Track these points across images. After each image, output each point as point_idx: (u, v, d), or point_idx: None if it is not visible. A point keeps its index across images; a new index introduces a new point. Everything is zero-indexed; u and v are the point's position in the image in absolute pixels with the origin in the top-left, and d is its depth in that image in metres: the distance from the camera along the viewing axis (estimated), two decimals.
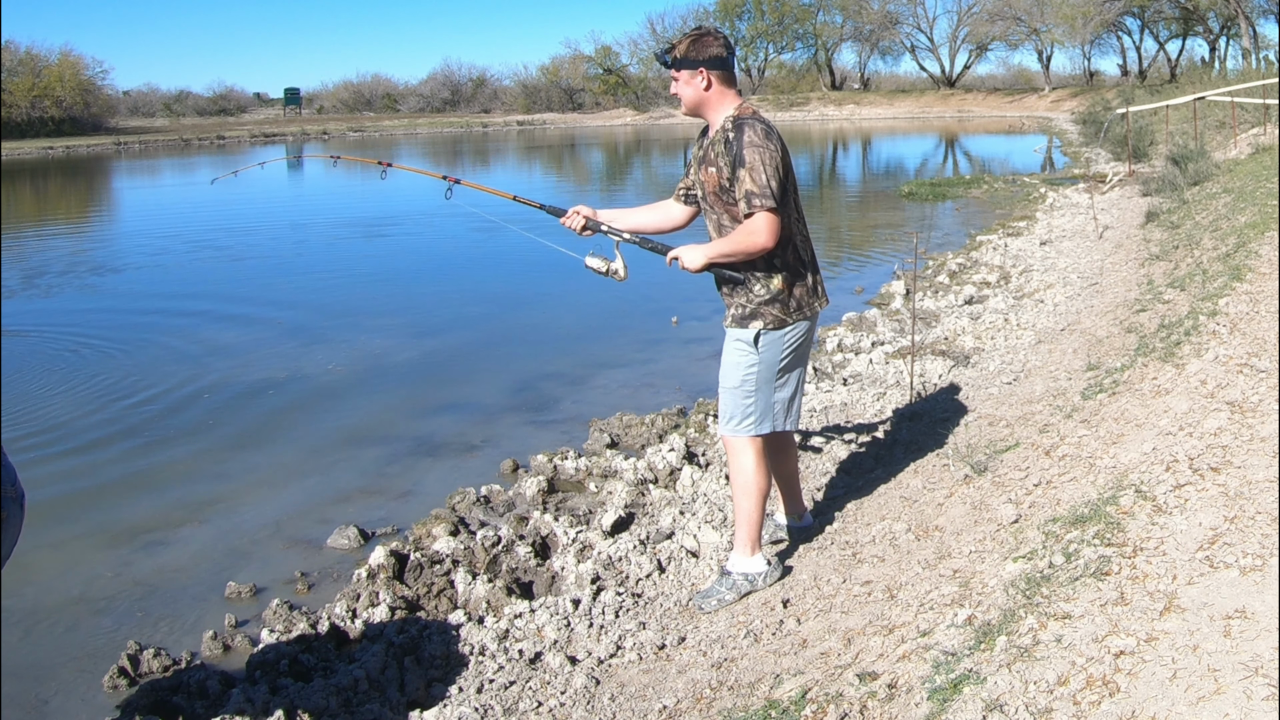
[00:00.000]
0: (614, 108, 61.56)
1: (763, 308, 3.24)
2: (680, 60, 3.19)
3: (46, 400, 6.58)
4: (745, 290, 3.25)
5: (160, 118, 61.63)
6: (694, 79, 3.19)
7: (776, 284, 3.23)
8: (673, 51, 3.20)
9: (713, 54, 3.17)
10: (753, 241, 3.12)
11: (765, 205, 3.08)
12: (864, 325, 7.47)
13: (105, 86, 52.88)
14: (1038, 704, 2.00)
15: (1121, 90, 38.33)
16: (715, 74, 3.19)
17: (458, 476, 5.04)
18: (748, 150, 3.10)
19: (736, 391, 3.33)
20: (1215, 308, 4.78)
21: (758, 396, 3.32)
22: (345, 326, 8.55)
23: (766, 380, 3.31)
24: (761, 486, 3.37)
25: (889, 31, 60.50)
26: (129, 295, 10.40)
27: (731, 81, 3.25)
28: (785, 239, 3.20)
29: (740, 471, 3.38)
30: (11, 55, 47.16)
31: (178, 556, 4.33)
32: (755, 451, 3.36)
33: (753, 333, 3.26)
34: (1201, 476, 2.85)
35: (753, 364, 3.30)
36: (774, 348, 3.29)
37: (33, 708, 3.28)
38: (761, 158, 3.09)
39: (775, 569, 3.45)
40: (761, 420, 3.35)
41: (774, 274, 3.23)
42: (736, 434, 3.36)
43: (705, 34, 3.21)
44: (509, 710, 2.95)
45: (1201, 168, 11.10)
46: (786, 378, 3.36)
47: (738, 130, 3.14)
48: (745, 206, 3.11)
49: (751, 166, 3.09)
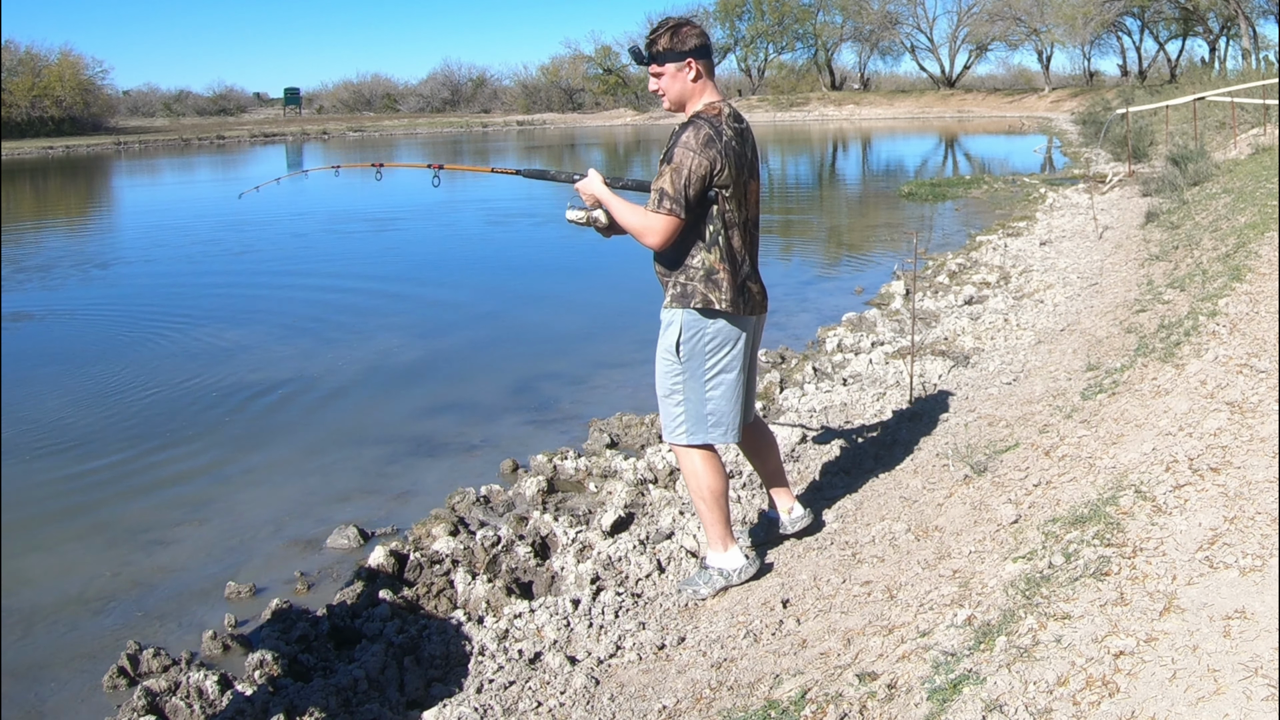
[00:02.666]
0: (614, 107, 61.58)
1: (698, 285, 3.14)
2: (664, 54, 3.08)
3: (45, 399, 6.58)
4: (684, 268, 3.16)
5: (160, 117, 61.65)
6: (682, 71, 3.10)
7: (712, 262, 3.14)
8: (654, 45, 3.10)
9: (695, 44, 3.09)
10: (642, 232, 3.08)
11: (669, 209, 3.03)
12: (864, 325, 7.47)
13: (105, 86, 52.98)
14: (1037, 704, 2.00)
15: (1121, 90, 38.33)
16: (701, 63, 3.11)
17: (458, 476, 5.04)
18: (679, 150, 3.04)
19: (667, 400, 3.31)
20: (1215, 308, 4.78)
21: (685, 406, 3.27)
22: (344, 326, 8.55)
23: (695, 389, 3.24)
24: (713, 488, 3.33)
25: (889, 31, 60.49)
26: (128, 294, 10.41)
27: (712, 70, 3.16)
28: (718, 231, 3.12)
29: (689, 477, 3.37)
30: (11, 55, 47.16)
31: (178, 556, 4.33)
32: (700, 457, 3.32)
33: (674, 335, 3.21)
34: (1201, 477, 2.85)
35: (678, 373, 3.25)
36: (697, 354, 3.21)
37: (33, 708, 3.28)
38: (687, 163, 3.02)
39: (753, 564, 3.45)
40: (693, 430, 3.28)
41: (711, 253, 3.14)
42: (674, 441, 3.35)
43: (683, 24, 3.12)
44: (509, 710, 2.95)
45: (1201, 168, 11.09)
46: (717, 385, 3.25)
47: (684, 128, 3.09)
48: (653, 201, 3.07)
49: (675, 167, 3.03)
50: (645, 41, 3.14)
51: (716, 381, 3.25)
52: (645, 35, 3.22)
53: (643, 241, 3.12)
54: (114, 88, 56.71)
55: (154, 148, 41.47)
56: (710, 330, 3.20)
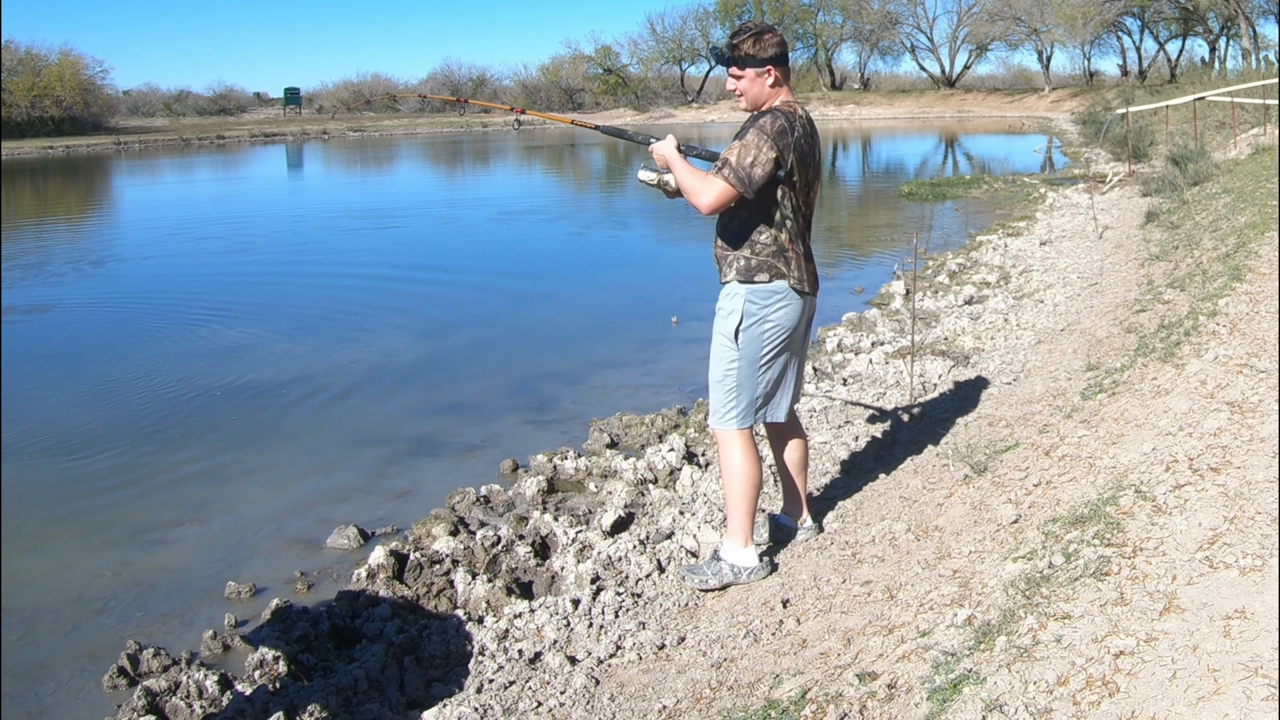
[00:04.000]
0: (614, 107, 61.55)
1: (771, 260, 3.28)
2: (746, 58, 3.25)
3: (45, 399, 6.59)
4: (752, 243, 3.29)
5: (160, 117, 61.59)
6: (761, 76, 3.26)
7: (784, 240, 3.29)
8: (737, 50, 3.26)
9: (775, 52, 3.26)
10: (700, 193, 3.21)
11: (730, 180, 3.17)
12: (864, 325, 7.47)
13: (105, 86, 52.89)
14: (1037, 704, 2.00)
15: (1121, 90, 38.32)
16: (779, 70, 3.28)
17: (458, 476, 5.04)
18: (753, 131, 3.20)
19: (719, 385, 3.40)
20: (1215, 308, 4.78)
21: (739, 390, 3.37)
22: (344, 325, 8.55)
23: (749, 373, 3.35)
24: (750, 476, 3.39)
25: (889, 31, 60.48)
26: (127, 293, 10.41)
27: (788, 77, 3.35)
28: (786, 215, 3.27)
29: (728, 463, 3.42)
30: (11, 55, 47.14)
31: (178, 556, 4.33)
32: (742, 443, 3.39)
33: (734, 322, 3.31)
34: (1201, 477, 2.85)
35: (733, 358, 3.35)
36: (755, 340, 3.32)
37: (33, 707, 3.29)
38: (759, 143, 3.17)
39: (764, 568, 3.47)
40: (745, 414, 3.39)
41: (782, 232, 3.28)
42: (721, 426, 3.42)
43: (764, 31, 3.28)
44: (509, 710, 2.95)
45: (1201, 168, 11.09)
46: (770, 368, 3.37)
47: (761, 114, 3.26)
48: (715, 167, 3.23)
49: (745, 144, 3.18)
50: (727, 44, 3.31)
51: (770, 365, 3.37)
52: (726, 38, 3.40)
53: (693, 201, 3.25)
54: (114, 88, 56.71)
55: (154, 148, 41.46)
56: (772, 314, 3.31)
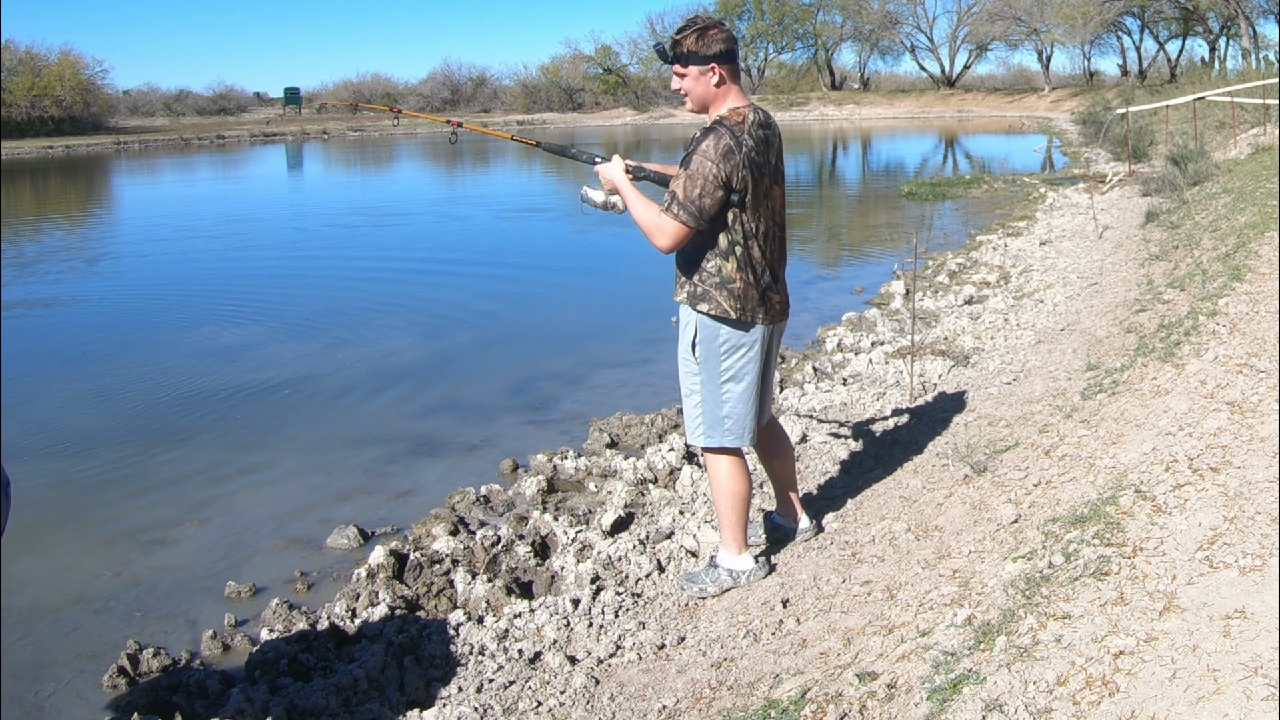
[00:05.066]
0: (614, 107, 61.58)
1: (712, 291, 3.13)
2: (689, 55, 3.05)
3: (45, 398, 6.59)
4: (698, 270, 3.14)
5: (160, 117, 61.58)
6: (705, 75, 3.07)
7: (729, 271, 3.11)
8: (679, 46, 3.06)
9: (720, 49, 3.05)
10: (655, 234, 3.07)
11: (680, 216, 3.02)
12: (864, 325, 7.47)
13: (105, 86, 52.97)
14: (1037, 704, 2.00)
15: (1121, 90, 38.32)
16: (725, 68, 3.08)
17: (458, 476, 5.04)
18: (697, 157, 3.02)
19: (687, 400, 3.34)
20: (1215, 308, 4.78)
21: (703, 407, 3.28)
22: (344, 325, 8.55)
23: (712, 390, 3.24)
24: (736, 491, 3.35)
25: (889, 31, 60.50)
26: (126, 292, 10.41)
27: (737, 75, 3.14)
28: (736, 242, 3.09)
29: (713, 478, 3.40)
30: (11, 55, 47.16)
31: (178, 556, 4.33)
32: (725, 459, 3.34)
33: (690, 336, 3.22)
34: (1201, 476, 2.85)
35: (695, 373, 3.27)
36: (712, 357, 3.21)
37: (33, 707, 3.29)
38: (704, 171, 3.00)
39: (761, 568, 3.46)
40: (711, 431, 3.28)
41: (728, 261, 3.11)
42: (696, 443, 3.38)
43: (709, 26, 3.07)
44: (508, 710, 2.95)
45: (1201, 168, 11.09)
46: (731, 388, 3.23)
47: (705, 134, 3.07)
48: (665, 204, 3.06)
49: (690, 175, 3.01)
50: (670, 41, 3.11)
51: (731, 385, 3.24)
52: (672, 33, 3.18)
53: (652, 241, 3.11)
54: (114, 87, 56.79)
55: (154, 147, 41.46)
56: (724, 334, 3.19)
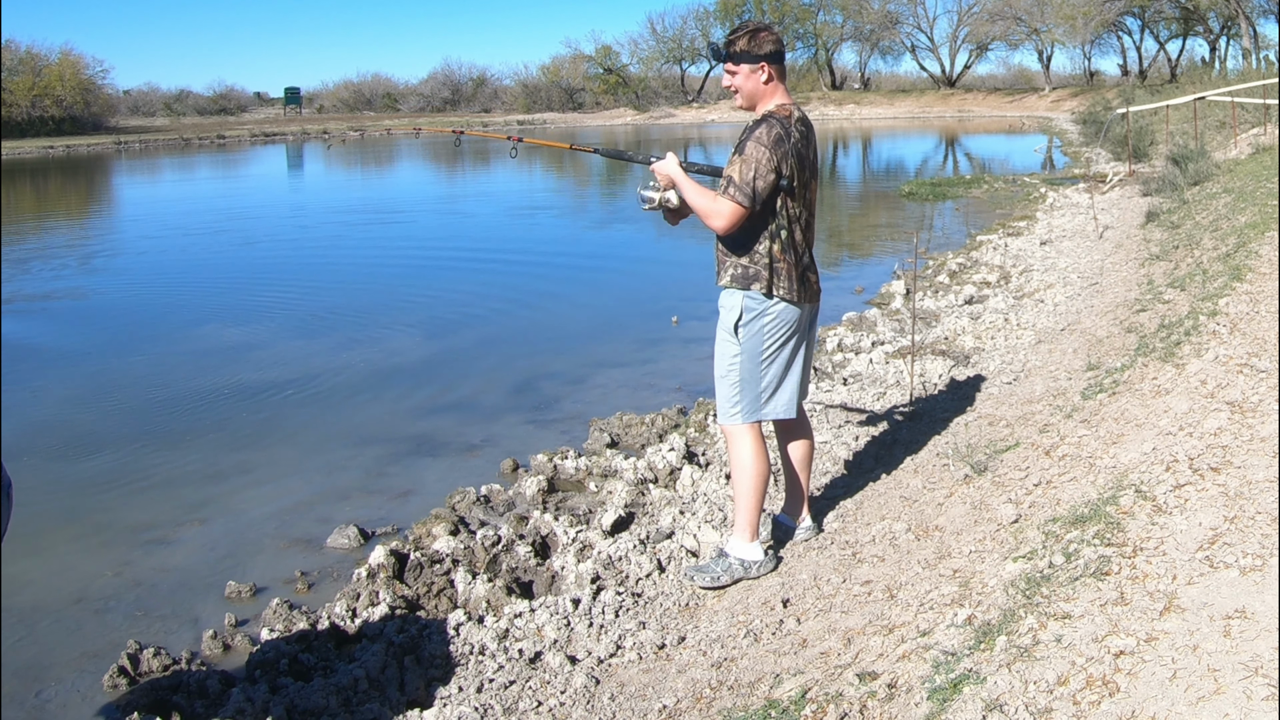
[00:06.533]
0: (614, 107, 61.58)
1: (763, 271, 3.32)
2: (741, 54, 3.27)
3: (46, 399, 6.59)
4: (748, 252, 3.32)
5: (160, 117, 61.61)
6: (755, 73, 3.28)
7: (776, 252, 3.31)
8: (732, 45, 3.28)
9: (770, 49, 3.28)
10: (713, 215, 3.25)
11: (736, 198, 3.21)
12: (864, 325, 7.47)
13: (105, 86, 52.94)
14: (1037, 704, 2.00)
15: (1122, 90, 38.29)
16: (774, 68, 3.30)
17: (458, 476, 5.04)
18: (750, 144, 3.22)
19: (724, 380, 3.45)
20: (1215, 308, 4.78)
21: (743, 385, 3.41)
22: (343, 324, 8.55)
23: (751, 368, 3.39)
24: (759, 471, 3.44)
25: (889, 31, 60.47)
26: (126, 291, 10.41)
27: (784, 75, 3.37)
28: (782, 225, 3.30)
29: (736, 458, 3.48)
30: (12, 55, 47.15)
31: (178, 556, 4.33)
32: (751, 439, 3.44)
33: (734, 317, 3.36)
34: (1201, 476, 2.85)
35: (735, 353, 3.40)
36: (756, 335, 3.36)
37: (33, 707, 3.29)
38: (758, 156, 3.20)
39: (770, 560, 3.52)
40: (750, 409, 3.43)
41: (775, 243, 3.31)
42: (728, 422, 3.47)
43: (761, 29, 3.30)
44: (509, 710, 2.95)
45: (1201, 168, 11.09)
46: (772, 363, 3.40)
47: (757, 124, 3.27)
48: (721, 188, 3.27)
49: (745, 159, 3.21)
50: (724, 41, 3.33)
51: (773, 360, 3.40)
52: (725, 34, 3.43)
53: (708, 224, 3.30)
54: (114, 87, 56.76)
55: (154, 147, 41.45)
56: (770, 313, 3.35)
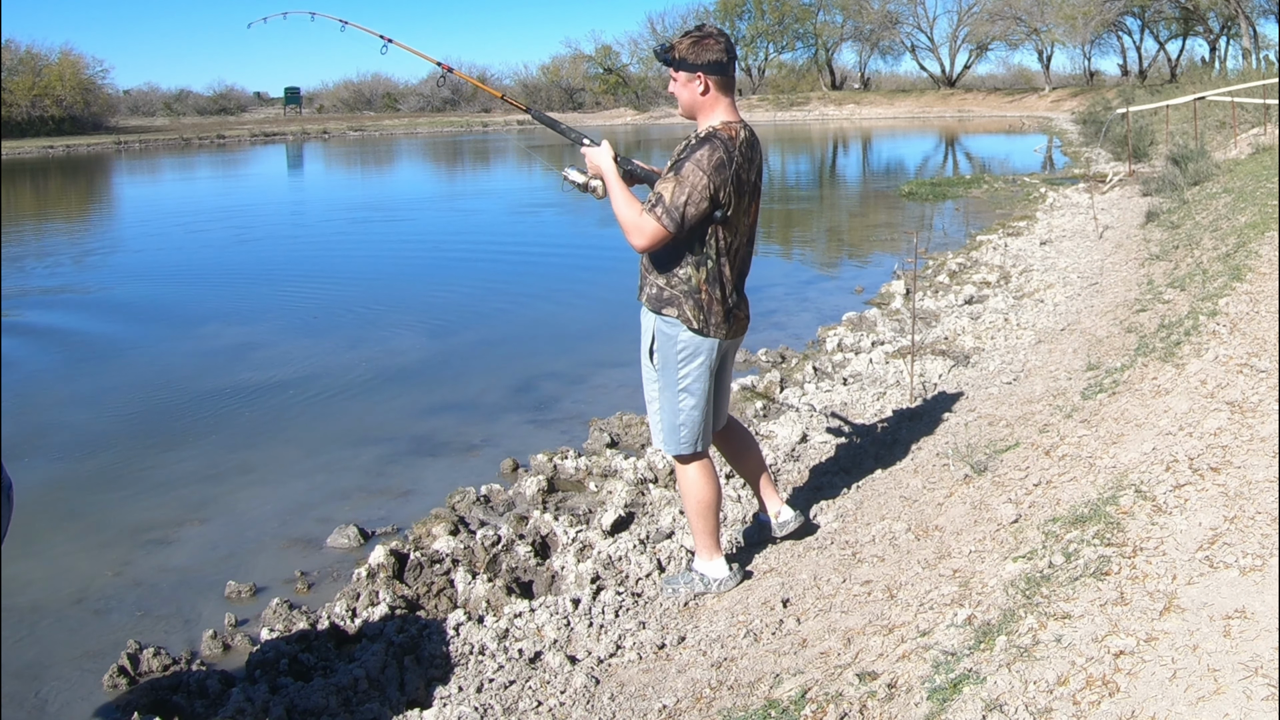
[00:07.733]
0: (614, 107, 61.60)
1: (680, 297, 3.15)
2: (679, 61, 3.08)
3: (46, 399, 6.59)
4: (668, 275, 3.15)
5: (160, 117, 61.62)
6: (691, 82, 3.08)
7: (698, 281, 3.13)
8: (672, 51, 3.09)
9: (711, 59, 3.06)
10: (633, 233, 3.06)
11: (662, 219, 3.01)
12: (864, 325, 7.47)
13: (105, 86, 52.91)
14: (1037, 704, 2.00)
15: (1122, 90, 38.29)
16: (713, 79, 3.08)
17: (458, 476, 5.04)
18: (689, 164, 3.02)
19: (649, 407, 3.40)
20: (1215, 308, 4.78)
21: (663, 414, 3.32)
22: (343, 324, 8.55)
23: (669, 397, 3.28)
24: (701, 498, 3.37)
25: (889, 31, 60.48)
26: (126, 290, 10.41)
27: (728, 88, 3.13)
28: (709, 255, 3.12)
29: (680, 485, 3.45)
30: (11, 54, 47.12)
31: (178, 556, 4.33)
32: (691, 466, 3.37)
33: (647, 341, 3.25)
34: (1201, 476, 2.85)
35: (653, 380, 3.32)
36: (670, 364, 3.24)
37: (33, 707, 3.29)
38: (694, 181, 3.00)
39: (734, 577, 3.47)
40: (669, 438, 3.33)
41: (699, 272, 3.13)
42: (657, 447, 3.45)
43: (706, 36, 3.08)
44: (509, 709, 2.95)
45: (1201, 168, 11.09)
46: (685, 395, 3.26)
47: (700, 142, 3.07)
48: (649, 204, 3.06)
49: (680, 181, 3.01)
50: (666, 44, 3.13)
51: (686, 394, 3.27)
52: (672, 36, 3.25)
53: (628, 239, 3.10)
54: (114, 87, 56.74)
55: (154, 147, 41.45)
56: (682, 342, 3.21)
